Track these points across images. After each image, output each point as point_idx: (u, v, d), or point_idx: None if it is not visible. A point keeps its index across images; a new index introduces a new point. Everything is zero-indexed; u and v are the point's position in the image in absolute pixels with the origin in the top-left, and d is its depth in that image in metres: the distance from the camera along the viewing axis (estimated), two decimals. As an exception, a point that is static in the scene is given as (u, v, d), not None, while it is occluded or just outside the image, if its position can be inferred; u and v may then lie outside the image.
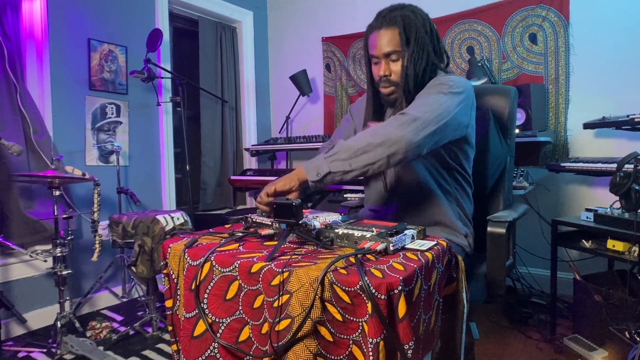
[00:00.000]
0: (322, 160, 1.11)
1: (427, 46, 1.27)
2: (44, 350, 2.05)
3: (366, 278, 0.78)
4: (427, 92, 1.24)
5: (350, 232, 1.01)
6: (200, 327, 0.96)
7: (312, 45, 3.71)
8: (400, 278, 0.79)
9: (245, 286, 0.93)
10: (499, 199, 1.59)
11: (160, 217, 2.10)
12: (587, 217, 1.87)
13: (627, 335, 1.57)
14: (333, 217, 1.16)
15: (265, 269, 0.89)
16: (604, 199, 2.44)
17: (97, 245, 2.24)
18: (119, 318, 2.49)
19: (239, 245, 1.06)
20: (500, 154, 1.60)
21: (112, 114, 2.76)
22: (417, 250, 0.97)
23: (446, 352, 1.10)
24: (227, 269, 0.95)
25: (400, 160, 1.12)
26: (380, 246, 0.93)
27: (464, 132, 1.28)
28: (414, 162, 1.32)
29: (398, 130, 1.10)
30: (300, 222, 1.02)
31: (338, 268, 0.84)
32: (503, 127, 1.63)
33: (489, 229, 1.25)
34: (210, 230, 1.24)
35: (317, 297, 0.81)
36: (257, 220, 1.17)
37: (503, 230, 1.23)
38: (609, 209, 1.82)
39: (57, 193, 2.02)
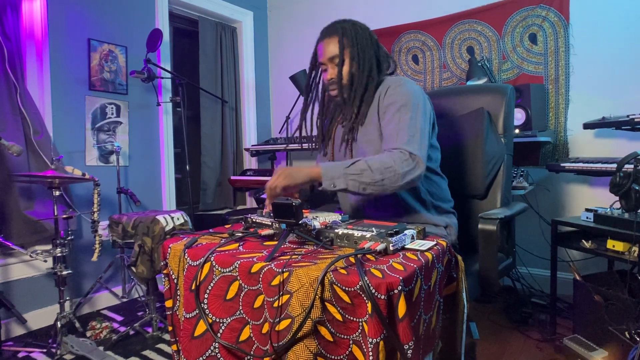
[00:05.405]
0: (341, 173, 1.16)
1: (367, 49, 1.37)
2: (44, 350, 2.04)
3: (366, 278, 0.78)
4: (396, 110, 1.27)
5: (350, 232, 1.01)
6: (201, 327, 0.97)
7: (312, 45, 3.68)
8: (400, 278, 0.79)
9: (246, 286, 0.93)
10: (496, 198, 1.59)
11: (160, 217, 2.10)
12: (587, 217, 1.87)
13: (627, 335, 1.57)
14: (333, 217, 1.16)
15: (265, 269, 0.89)
16: (604, 199, 2.44)
17: (97, 246, 2.24)
18: (119, 318, 2.49)
19: (239, 246, 1.06)
20: (496, 152, 1.60)
21: (112, 114, 2.76)
22: (417, 250, 0.98)
23: (447, 352, 1.10)
24: (227, 269, 0.95)
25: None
26: (380, 246, 0.93)
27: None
28: None
29: (404, 167, 1.16)
30: (300, 222, 1.02)
31: (338, 268, 0.84)
32: (499, 125, 1.64)
33: (479, 226, 1.24)
34: (210, 230, 1.24)
35: (317, 297, 0.81)
36: (257, 220, 1.17)
37: (493, 227, 1.22)
38: (609, 209, 1.82)
39: (57, 193, 2.02)
